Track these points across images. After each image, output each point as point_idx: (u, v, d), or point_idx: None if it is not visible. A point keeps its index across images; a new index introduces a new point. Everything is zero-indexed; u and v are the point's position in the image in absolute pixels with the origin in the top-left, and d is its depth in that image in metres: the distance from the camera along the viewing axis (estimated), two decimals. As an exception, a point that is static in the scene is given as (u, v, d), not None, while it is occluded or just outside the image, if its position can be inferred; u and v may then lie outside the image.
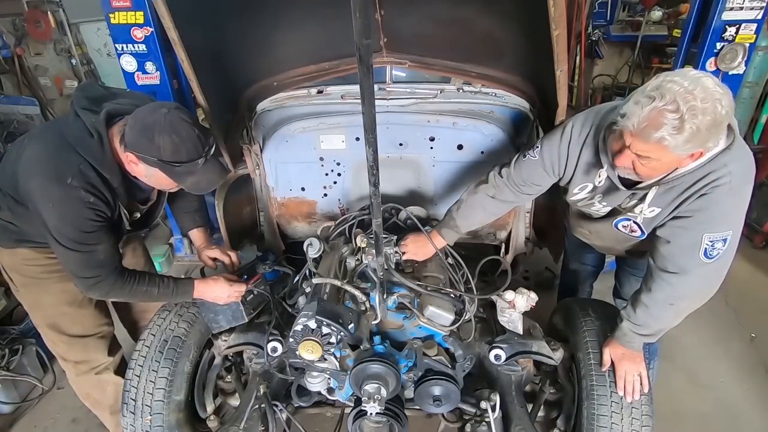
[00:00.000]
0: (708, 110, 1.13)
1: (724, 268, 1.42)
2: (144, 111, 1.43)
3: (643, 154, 1.26)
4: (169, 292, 1.67)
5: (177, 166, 1.44)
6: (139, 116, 1.42)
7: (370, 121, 0.98)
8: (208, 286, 1.71)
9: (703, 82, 1.14)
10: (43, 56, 4.54)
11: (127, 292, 1.60)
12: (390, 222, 2.16)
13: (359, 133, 1.41)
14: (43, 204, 1.42)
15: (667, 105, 1.15)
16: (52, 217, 1.43)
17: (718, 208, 1.34)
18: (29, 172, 1.44)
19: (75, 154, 1.43)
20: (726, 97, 1.16)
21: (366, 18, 0.79)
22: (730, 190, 1.31)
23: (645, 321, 1.54)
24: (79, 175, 1.42)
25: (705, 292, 1.49)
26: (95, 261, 1.51)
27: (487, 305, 2.06)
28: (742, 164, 1.34)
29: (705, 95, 1.13)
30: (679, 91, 1.14)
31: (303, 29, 2.04)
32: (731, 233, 1.36)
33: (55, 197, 1.41)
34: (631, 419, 1.59)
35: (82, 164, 1.43)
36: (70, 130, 1.46)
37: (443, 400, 1.58)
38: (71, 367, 1.97)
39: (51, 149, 1.45)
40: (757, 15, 2.63)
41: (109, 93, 1.61)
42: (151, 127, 1.39)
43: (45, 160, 1.43)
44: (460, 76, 2.26)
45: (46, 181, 1.40)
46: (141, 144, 1.41)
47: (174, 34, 1.60)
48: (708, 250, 1.36)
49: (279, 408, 1.72)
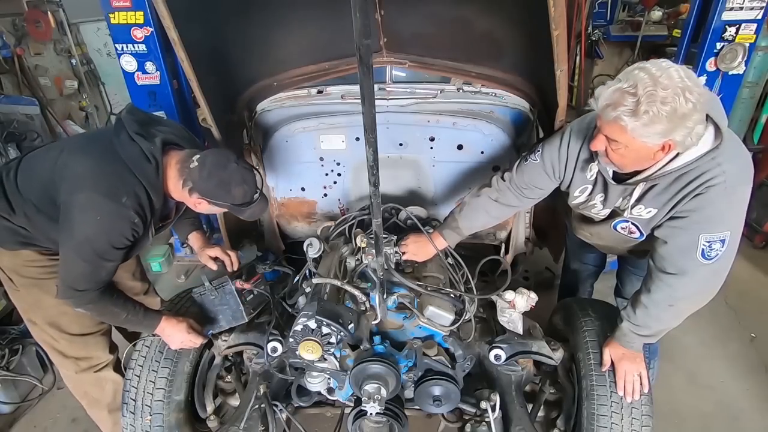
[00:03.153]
0: (667, 99, 1.15)
1: (724, 270, 1.42)
2: (215, 165, 1.55)
3: (610, 136, 1.30)
4: (135, 320, 1.69)
5: (244, 206, 1.63)
6: (213, 172, 1.54)
7: (370, 121, 0.98)
8: (171, 325, 1.72)
9: (671, 73, 1.17)
10: (43, 56, 4.54)
11: (98, 309, 1.63)
12: (390, 222, 2.16)
13: (359, 133, 1.41)
14: (86, 216, 1.44)
15: (628, 88, 1.19)
16: (91, 228, 1.45)
17: (714, 207, 1.34)
18: (79, 185, 1.45)
19: (132, 175, 1.49)
20: (695, 92, 1.16)
21: (366, 18, 0.79)
22: (725, 190, 1.31)
23: (645, 322, 1.53)
24: (134, 196, 1.49)
25: (705, 294, 1.48)
26: (97, 276, 1.54)
27: (487, 305, 2.06)
28: (738, 164, 1.34)
29: (668, 84, 1.15)
30: (643, 77, 1.18)
31: (303, 29, 2.04)
32: (729, 234, 1.35)
33: (104, 212, 1.45)
34: (631, 419, 1.59)
35: (137, 186, 1.49)
36: (126, 152, 1.50)
37: (443, 400, 1.58)
38: (71, 364, 1.96)
39: (107, 167, 1.48)
40: (757, 15, 2.63)
41: (150, 118, 1.69)
42: (227, 181, 1.56)
43: (100, 176, 1.46)
44: (460, 76, 2.26)
45: (99, 195, 1.43)
46: (217, 194, 1.57)
47: (174, 34, 1.61)
48: (706, 251, 1.36)
49: (279, 408, 1.72)
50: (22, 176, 1.58)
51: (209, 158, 1.56)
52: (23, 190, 1.56)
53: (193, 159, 1.56)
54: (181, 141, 1.68)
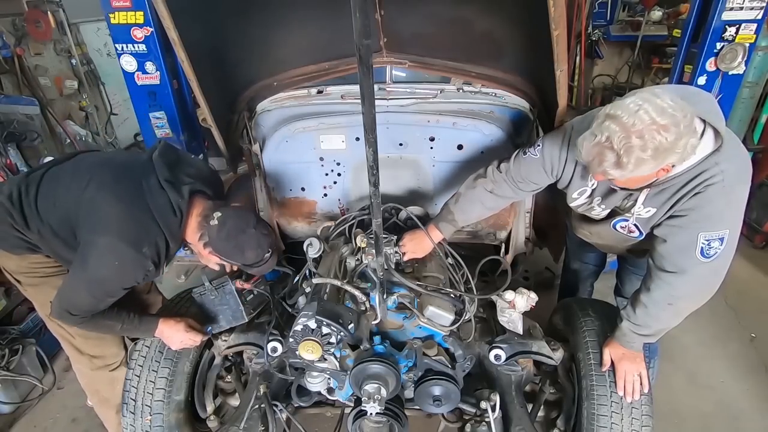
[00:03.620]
0: (647, 144, 1.16)
1: (723, 268, 1.42)
2: (235, 228, 1.58)
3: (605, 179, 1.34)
4: (131, 329, 1.71)
5: (255, 266, 1.68)
6: (231, 234, 1.58)
7: (370, 121, 0.98)
8: (168, 326, 1.72)
9: (641, 116, 1.16)
10: (43, 56, 4.54)
11: (92, 326, 1.65)
12: (390, 222, 2.16)
13: (359, 133, 1.41)
14: (105, 260, 1.46)
15: (605, 142, 1.21)
16: (107, 271, 1.47)
17: (712, 206, 1.35)
18: (104, 228, 1.46)
19: (156, 226, 1.50)
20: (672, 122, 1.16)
21: (366, 18, 0.79)
22: (723, 189, 1.32)
23: (644, 321, 1.54)
24: (154, 245, 1.50)
25: (704, 292, 1.48)
26: (96, 308, 1.57)
27: (487, 305, 2.06)
28: (736, 163, 1.34)
29: (642, 128, 1.16)
30: (615, 130, 1.19)
31: (303, 29, 2.04)
32: (728, 232, 1.36)
33: (124, 259, 1.47)
34: (631, 419, 1.59)
35: (158, 236, 1.51)
36: (155, 201, 1.51)
37: (443, 400, 1.58)
38: (86, 360, 1.97)
39: (134, 214, 1.49)
40: (757, 15, 2.64)
41: (179, 158, 1.71)
42: (242, 245, 1.60)
43: (126, 223, 1.47)
44: (460, 76, 2.26)
45: (121, 242, 1.45)
46: (231, 255, 1.63)
47: (174, 34, 1.61)
48: (705, 249, 1.37)
49: (279, 408, 1.72)
50: (43, 197, 1.56)
51: (230, 221, 1.58)
52: (42, 211, 1.55)
53: (215, 216, 1.57)
54: (207, 187, 1.70)
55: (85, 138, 4.62)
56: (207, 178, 1.77)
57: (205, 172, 1.80)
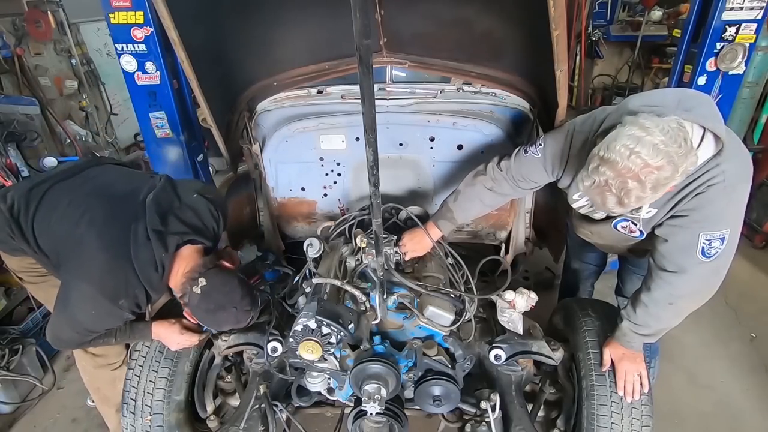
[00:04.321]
0: (645, 184, 1.19)
1: (723, 268, 1.42)
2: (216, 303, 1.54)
3: None
4: (126, 338, 1.72)
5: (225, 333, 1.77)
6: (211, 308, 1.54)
7: (370, 121, 0.98)
8: (164, 329, 1.72)
9: (634, 161, 1.17)
10: (43, 56, 4.53)
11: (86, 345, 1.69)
12: (390, 222, 2.16)
13: (359, 133, 1.41)
14: (83, 305, 1.47)
15: (605, 186, 1.24)
16: (84, 315, 1.49)
17: (713, 206, 1.35)
18: (85, 275, 1.46)
19: (136, 278, 1.48)
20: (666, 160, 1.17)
21: (366, 18, 0.79)
22: (724, 189, 1.33)
23: (645, 321, 1.54)
24: (133, 297, 1.50)
25: (705, 292, 1.48)
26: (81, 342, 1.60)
27: (487, 305, 2.06)
28: (736, 163, 1.34)
29: (636, 171, 1.18)
30: (611, 176, 1.22)
31: (303, 29, 2.04)
32: (729, 232, 1.36)
33: (100, 309, 1.48)
34: (631, 419, 1.59)
35: (138, 289, 1.50)
36: (138, 254, 1.48)
37: (443, 400, 1.58)
38: (89, 358, 1.99)
39: (115, 266, 1.47)
40: (757, 15, 2.63)
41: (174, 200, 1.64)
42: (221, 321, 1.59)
43: (105, 275, 1.46)
44: (460, 76, 2.26)
45: (98, 294, 1.45)
46: (208, 323, 1.62)
47: (174, 34, 1.61)
48: (705, 249, 1.37)
49: (279, 408, 1.72)
50: (40, 219, 1.56)
51: (213, 294, 1.53)
52: (37, 232, 1.56)
53: (199, 282, 1.52)
54: (200, 234, 1.62)
55: (85, 138, 4.61)
56: (202, 222, 1.66)
57: (202, 213, 1.67)
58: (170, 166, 3.07)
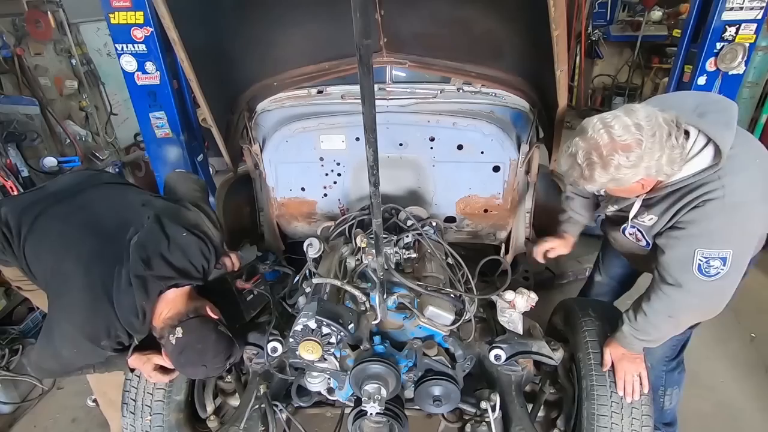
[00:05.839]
0: (607, 164, 1.23)
1: (728, 288, 1.38)
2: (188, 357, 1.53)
3: None
4: (104, 368, 1.71)
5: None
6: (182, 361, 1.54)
7: (370, 121, 0.98)
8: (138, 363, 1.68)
9: (602, 135, 1.23)
10: (43, 56, 4.53)
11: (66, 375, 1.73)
12: (390, 222, 2.16)
13: (359, 133, 1.41)
14: (66, 344, 1.47)
15: (573, 156, 1.31)
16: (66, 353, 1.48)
17: (710, 222, 1.30)
18: (68, 316, 1.46)
19: (118, 323, 1.47)
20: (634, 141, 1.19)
21: (366, 18, 0.79)
22: (723, 206, 1.28)
23: (644, 328, 1.54)
24: (114, 338, 1.49)
25: (706, 310, 1.47)
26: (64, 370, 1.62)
27: (487, 305, 2.06)
28: (742, 180, 1.28)
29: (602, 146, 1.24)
30: (581, 146, 1.28)
31: (303, 29, 2.04)
32: (731, 253, 1.30)
33: (81, 348, 1.47)
34: (631, 419, 1.59)
35: (120, 332, 1.49)
36: (120, 300, 1.46)
37: (443, 400, 1.58)
38: None
39: (97, 310, 1.45)
40: (757, 15, 2.64)
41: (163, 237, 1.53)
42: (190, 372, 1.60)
43: (87, 318, 1.45)
44: (460, 76, 2.26)
45: (80, 335, 1.45)
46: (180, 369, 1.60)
47: (174, 34, 1.61)
48: (703, 267, 1.32)
49: (279, 408, 1.72)
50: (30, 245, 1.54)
51: (187, 350, 1.51)
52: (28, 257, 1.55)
53: (176, 331, 1.50)
54: (184, 278, 1.52)
55: (85, 138, 4.61)
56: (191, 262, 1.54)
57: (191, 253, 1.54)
58: (170, 166, 3.08)
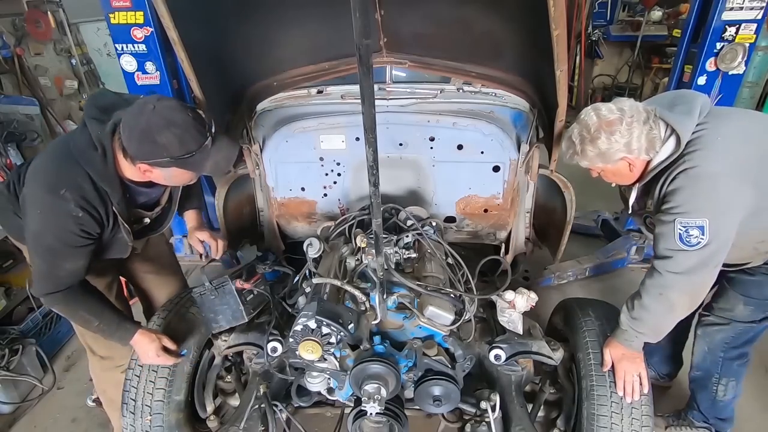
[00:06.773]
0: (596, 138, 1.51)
1: (709, 260, 1.45)
2: (131, 117, 1.36)
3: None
4: (108, 330, 1.65)
5: (190, 156, 1.38)
6: (129, 124, 1.35)
7: (370, 121, 0.98)
8: (144, 340, 1.66)
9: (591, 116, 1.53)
10: (43, 56, 4.54)
11: (68, 312, 1.60)
12: (390, 222, 2.16)
13: (359, 133, 1.41)
14: (30, 211, 1.43)
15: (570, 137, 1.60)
16: (35, 224, 1.43)
17: (682, 193, 1.45)
18: (29, 179, 1.46)
19: (77, 165, 1.40)
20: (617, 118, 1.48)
21: (366, 18, 0.79)
22: (687, 177, 1.44)
23: (639, 313, 1.56)
24: (75, 187, 1.39)
25: (695, 285, 1.51)
26: (55, 277, 1.50)
27: (487, 305, 2.06)
28: (703, 154, 1.44)
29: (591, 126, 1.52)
30: (575, 129, 1.58)
31: (303, 29, 2.04)
32: (707, 222, 1.40)
33: (43, 205, 1.40)
34: (631, 419, 1.59)
35: (80, 176, 1.40)
36: (75, 141, 1.44)
37: (443, 400, 1.58)
38: (97, 361, 1.99)
39: (55, 160, 1.46)
40: (757, 15, 2.64)
41: (122, 100, 1.54)
42: (147, 130, 1.33)
43: (45, 170, 1.44)
44: (460, 76, 2.26)
45: (39, 189, 1.41)
46: (146, 151, 1.36)
47: (174, 34, 1.61)
48: (683, 236, 1.43)
49: (279, 408, 1.72)
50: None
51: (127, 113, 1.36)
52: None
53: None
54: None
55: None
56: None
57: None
58: (170, 166, 3.07)
